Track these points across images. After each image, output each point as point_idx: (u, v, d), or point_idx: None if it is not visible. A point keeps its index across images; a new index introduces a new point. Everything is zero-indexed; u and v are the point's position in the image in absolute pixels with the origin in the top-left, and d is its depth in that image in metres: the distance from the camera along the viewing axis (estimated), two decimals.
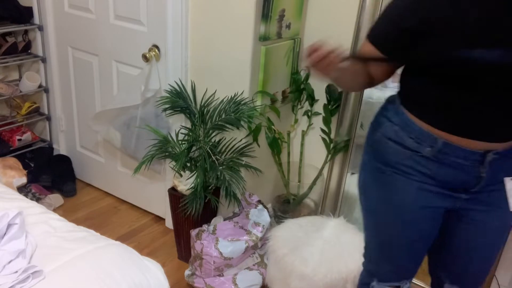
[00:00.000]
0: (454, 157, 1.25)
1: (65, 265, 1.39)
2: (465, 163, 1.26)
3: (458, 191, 1.32)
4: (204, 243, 2.08)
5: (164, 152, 2.24)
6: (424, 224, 1.38)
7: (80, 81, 2.82)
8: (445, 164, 1.27)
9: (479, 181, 1.29)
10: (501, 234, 1.39)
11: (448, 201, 1.34)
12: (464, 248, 1.42)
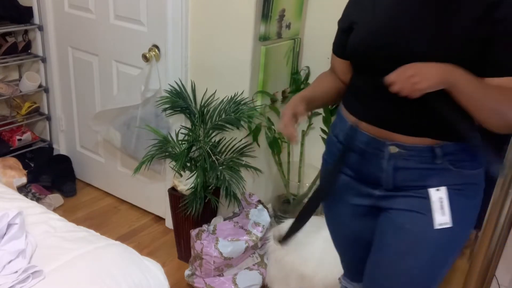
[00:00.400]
0: (358, 141, 1.27)
1: (65, 265, 1.39)
2: (367, 149, 1.26)
3: (372, 185, 1.29)
4: (204, 243, 2.08)
5: (164, 152, 2.24)
6: (349, 221, 1.40)
7: (80, 81, 2.82)
8: (354, 151, 1.29)
9: (386, 177, 1.25)
10: (420, 241, 1.24)
11: (366, 198, 1.32)
12: (377, 246, 1.33)
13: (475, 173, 1.24)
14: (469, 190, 1.24)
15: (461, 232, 1.25)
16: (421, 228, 1.23)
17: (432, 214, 1.21)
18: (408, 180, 1.24)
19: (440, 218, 1.21)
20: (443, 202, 1.21)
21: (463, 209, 1.24)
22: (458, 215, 1.22)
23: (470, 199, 1.25)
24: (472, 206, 1.27)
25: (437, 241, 1.23)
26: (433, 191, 1.21)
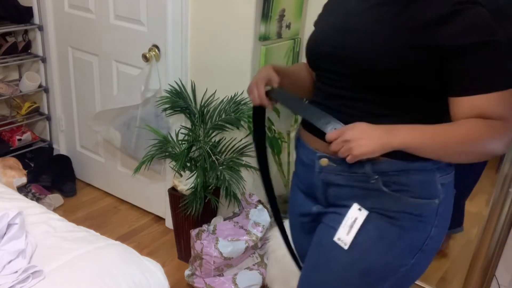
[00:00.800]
0: (300, 152, 1.24)
1: (65, 265, 1.39)
2: (306, 160, 1.21)
3: (313, 200, 1.24)
4: (204, 243, 2.08)
5: (164, 152, 2.24)
6: (299, 238, 1.37)
7: (80, 81, 2.82)
8: (299, 161, 1.26)
9: (319, 192, 1.20)
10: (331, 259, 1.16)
11: (308, 216, 1.27)
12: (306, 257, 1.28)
13: (420, 203, 1.11)
14: (406, 221, 1.11)
15: (377, 262, 1.13)
16: (335, 246, 1.14)
17: (339, 227, 1.13)
18: (341, 198, 1.16)
19: (342, 235, 1.12)
20: (355, 223, 1.11)
21: (389, 239, 1.11)
22: (381, 242, 1.12)
23: (405, 231, 1.11)
24: (406, 239, 1.12)
25: (349, 261, 1.13)
26: (354, 208, 1.12)
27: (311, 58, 1.23)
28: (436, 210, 1.12)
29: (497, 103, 1.01)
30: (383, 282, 1.15)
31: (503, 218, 1.86)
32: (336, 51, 1.12)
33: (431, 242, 1.14)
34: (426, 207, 1.11)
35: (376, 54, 1.05)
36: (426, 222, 1.12)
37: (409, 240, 1.12)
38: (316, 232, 1.24)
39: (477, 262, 1.96)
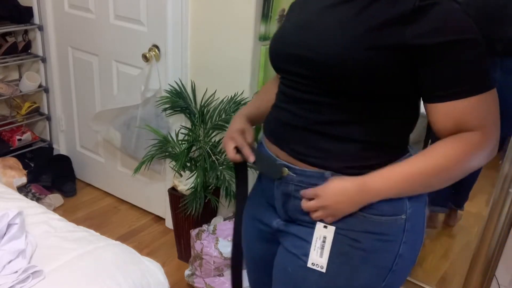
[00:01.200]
0: (262, 159, 1.16)
1: (65, 265, 1.39)
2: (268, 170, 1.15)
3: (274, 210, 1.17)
4: (204, 243, 2.08)
5: (164, 152, 2.24)
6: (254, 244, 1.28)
7: (80, 81, 2.81)
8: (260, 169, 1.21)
9: (278, 204, 1.13)
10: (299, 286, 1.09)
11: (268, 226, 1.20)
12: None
13: (385, 220, 1.02)
14: (370, 242, 1.03)
15: (345, 286, 1.05)
16: (301, 275, 1.08)
17: (310, 251, 1.05)
18: (300, 212, 1.08)
19: (315, 258, 1.04)
20: (325, 243, 1.04)
21: (354, 264, 1.03)
22: (346, 268, 1.04)
23: (369, 253, 1.03)
24: (372, 262, 1.04)
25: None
26: (319, 226, 1.04)
27: (273, 59, 1.14)
28: (403, 226, 1.04)
29: (475, 109, 0.92)
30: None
31: (503, 218, 1.86)
32: (298, 52, 1.03)
33: (402, 261, 1.06)
34: (391, 224, 1.03)
35: (339, 55, 0.95)
36: (392, 241, 1.04)
37: (376, 262, 1.04)
38: (278, 254, 1.17)
39: (477, 262, 1.96)
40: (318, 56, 0.98)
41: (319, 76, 1.00)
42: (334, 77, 0.97)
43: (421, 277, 2.21)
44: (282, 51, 1.08)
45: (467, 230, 2.42)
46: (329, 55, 0.97)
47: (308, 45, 1.01)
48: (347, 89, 0.98)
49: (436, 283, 2.19)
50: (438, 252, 2.36)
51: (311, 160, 1.04)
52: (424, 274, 2.26)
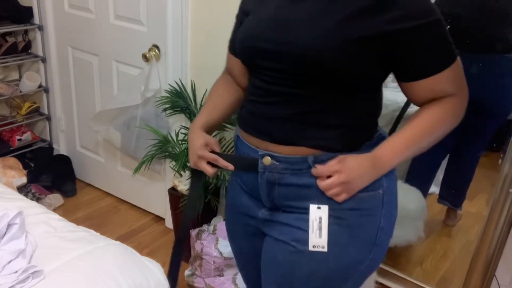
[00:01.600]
0: (241, 151, 1.18)
1: (65, 265, 1.39)
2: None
3: (258, 202, 1.19)
4: (204, 243, 2.08)
5: (164, 152, 2.24)
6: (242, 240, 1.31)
7: (80, 81, 2.82)
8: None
9: (263, 193, 1.15)
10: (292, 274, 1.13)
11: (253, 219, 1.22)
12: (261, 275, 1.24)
13: (365, 196, 1.09)
14: (354, 218, 1.09)
15: (337, 267, 1.10)
16: (293, 260, 1.12)
17: (309, 235, 1.08)
18: (286, 198, 1.12)
19: (315, 240, 1.08)
20: (321, 223, 1.07)
21: (343, 242, 1.09)
22: (335, 246, 1.08)
23: (355, 229, 1.09)
24: (359, 237, 1.10)
25: (310, 273, 1.11)
26: (313, 208, 1.08)
27: (245, 55, 1.15)
28: (381, 200, 1.11)
29: (447, 80, 1.02)
30: (346, 283, 1.14)
31: (503, 218, 1.86)
32: (273, 48, 1.05)
33: (383, 233, 1.13)
34: (371, 199, 1.10)
35: (315, 49, 0.99)
36: (373, 215, 1.11)
37: (362, 237, 1.11)
38: (266, 246, 1.19)
39: (477, 262, 1.96)
40: (294, 50, 1.02)
41: (296, 70, 1.03)
42: (311, 70, 1.01)
43: (421, 277, 2.21)
44: (256, 47, 1.09)
45: (467, 230, 2.41)
46: (305, 49, 1.00)
47: (283, 40, 1.03)
48: (324, 80, 1.02)
49: (436, 283, 2.19)
50: (438, 252, 2.36)
51: (294, 143, 1.08)
52: (424, 274, 2.26)
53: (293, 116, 1.07)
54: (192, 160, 1.19)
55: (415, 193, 2.33)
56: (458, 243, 2.43)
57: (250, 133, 1.15)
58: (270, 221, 1.18)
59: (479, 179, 2.40)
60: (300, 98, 1.06)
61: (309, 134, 1.07)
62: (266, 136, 1.11)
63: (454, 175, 2.39)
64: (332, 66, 1.00)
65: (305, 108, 1.06)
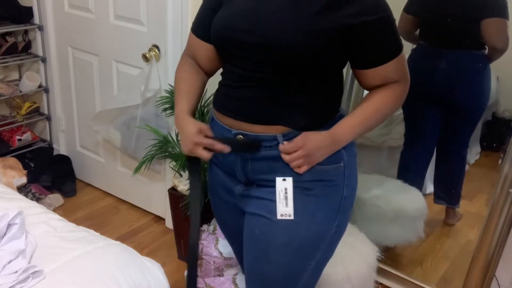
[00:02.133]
0: (217, 134, 1.25)
1: (65, 265, 1.39)
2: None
3: (234, 179, 1.28)
4: (204, 243, 2.08)
5: (164, 152, 2.24)
6: (226, 218, 1.41)
7: (80, 81, 2.82)
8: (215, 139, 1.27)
9: (238, 169, 1.24)
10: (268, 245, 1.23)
11: (231, 196, 1.32)
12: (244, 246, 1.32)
13: (329, 168, 1.21)
14: (320, 188, 1.21)
15: (307, 235, 1.21)
16: (267, 232, 1.22)
17: (277, 205, 1.19)
18: (258, 172, 1.22)
19: (282, 209, 1.19)
20: (287, 193, 1.19)
21: (311, 210, 1.20)
22: (304, 215, 1.20)
23: (321, 198, 1.21)
24: (325, 206, 1.22)
25: (284, 243, 1.20)
26: (279, 180, 1.19)
27: (221, 45, 1.23)
28: (343, 172, 1.23)
29: (395, 68, 1.16)
30: (317, 251, 1.23)
31: (503, 218, 1.86)
32: (249, 39, 1.14)
33: (346, 202, 1.24)
34: (334, 171, 1.22)
35: (288, 41, 1.10)
36: (337, 185, 1.23)
37: (328, 205, 1.22)
38: (245, 223, 1.29)
39: (477, 262, 1.96)
40: (270, 42, 1.11)
41: (270, 59, 1.13)
42: (285, 59, 1.12)
43: (421, 277, 2.21)
44: (233, 38, 1.17)
45: (467, 230, 2.42)
46: (280, 41, 1.10)
47: (259, 32, 1.12)
48: (296, 67, 1.13)
49: (436, 283, 2.19)
50: (438, 252, 2.36)
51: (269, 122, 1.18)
52: (424, 274, 2.26)
53: (267, 99, 1.17)
54: (187, 147, 1.21)
55: (415, 193, 2.33)
56: (458, 243, 2.43)
57: (226, 114, 1.24)
58: (246, 196, 1.27)
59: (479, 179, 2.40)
60: (274, 83, 1.16)
61: (282, 114, 1.18)
62: (243, 117, 1.20)
63: (444, 174, 2.40)
64: (304, 55, 1.11)
65: (279, 91, 1.17)
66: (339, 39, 1.11)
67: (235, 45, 1.17)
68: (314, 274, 1.28)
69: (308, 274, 1.25)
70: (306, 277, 1.25)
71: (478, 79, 2.17)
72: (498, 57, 2.08)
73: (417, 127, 2.39)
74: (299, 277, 1.24)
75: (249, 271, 1.31)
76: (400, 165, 2.45)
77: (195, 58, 1.34)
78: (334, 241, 1.27)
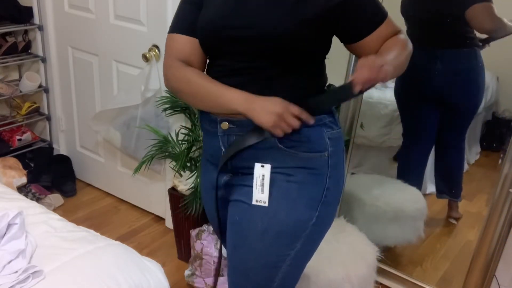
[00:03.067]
0: (203, 122, 1.30)
1: (65, 265, 1.39)
2: (210, 128, 1.28)
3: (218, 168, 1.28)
4: (204, 243, 2.08)
5: (164, 152, 2.24)
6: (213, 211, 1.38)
7: (80, 81, 2.82)
8: (204, 132, 1.33)
9: (224, 156, 1.25)
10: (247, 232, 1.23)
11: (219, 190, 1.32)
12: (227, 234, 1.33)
13: (312, 156, 1.21)
14: (302, 175, 1.21)
15: (287, 221, 1.21)
16: (247, 218, 1.23)
17: (253, 190, 1.20)
18: (244, 160, 1.23)
19: (258, 195, 1.20)
20: (264, 180, 1.20)
21: (291, 196, 1.20)
22: (284, 201, 1.20)
23: (303, 186, 1.21)
24: (306, 193, 1.22)
25: (263, 229, 1.21)
26: (257, 166, 1.20)
27: (211, 42, 1.24)
28: (327, 162, 1.23)
29: (390, 25, 1.22)
30: (297, 240, 1.22)
31: (503, 218, 1.86)
32: (236, 34, 1.17)
33: (330, 193, 1.24)
34: (318, 160, 1.22)
35: (275, 31, 1.14)
36: (320, 174, 1.23)
37: (309, 193, 1.22)
38: (228, 213, 1.30)
39: (477, 262, 1.96)
40: (259, 34, 1.15)
41: (260, 50, 1.17)
42: (274, 48, 1.16)
43: (421, 277, 2.21)
44: (222, 36, 1.20)
45: (467, 230, 2.42)
46: (268, 32, 1.14)
47: (247, 26, 1.16)
48: (284, 54, 1.17)
49: (436, 283, 2.19)
50: (438, 252, 2.36)
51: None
52: (424, 274, 2.26)
53: (254, 82, 1.20)
54: (274, 116, 1.15)
55: (415, 193, 2.33)
56: (458, 243, 2.43)
57: None
58: (231, 185, 1.29)
59: (479, 179, 2.40)
60: (262, 69, 1.19)
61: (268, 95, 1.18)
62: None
63: (444, 167, 2.40)
64: (291, 44, 1.15)
65: (266, 74, 1.20)
66: (326, 22, 1.16)
67: (225, 42, 1.20)
68: (294, 265, 1.26)
69: (287, 265, 1.23)
70: (285, 267, 1.23)
71: (473, 76, 2.18)
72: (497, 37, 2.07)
73: (414, 127, 2.39)
74: (278, 267, 1.23)
75: (230, 260, 1.31)
76: (398, 165, 2.46)
77: (189, 61, 1.28)
78: (316, 234, 1.26)
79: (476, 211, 2.38)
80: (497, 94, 2.30)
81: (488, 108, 2.31)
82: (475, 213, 2.38)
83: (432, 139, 2.37)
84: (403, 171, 2.43)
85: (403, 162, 2.45)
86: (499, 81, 2.28)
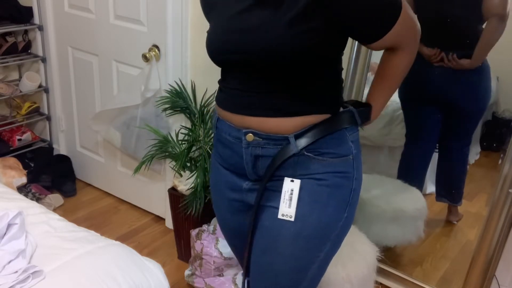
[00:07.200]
0: (224, 133, 1.28)
1: (65, 265, 1.39)
2: (230, 139, 1.26)
3: (241, 176, 1.29)
4: (204, 243, 2.08)
5: (164, 152, 2.24)
6: (229, 217, 1.39)
7: (80, 81, 2.82)
8: (221, 142, 1.30)
9: (248, 166, 1.25)
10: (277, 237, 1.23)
11: (237, 192, 1.32)
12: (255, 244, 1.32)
13: (339, 161, 1.23)
14: (332, 179, 1.23)
15: (318, 224, 1.22)
16: (279, 223, 1.22)
17: (280, 204, 1.21)
18: (281, 175, 1.23)
19: (284, 209, 1.21)
20: (292, 194, 1.20)
21: (322, 200, 1.22)
22: (316, 205, 1.21)
23: (333, 189, 1.23)
24: (336, 196, 1.24)
25: (294, 234, 1.21)
26: (287, 181, 1.21)
27: (218, 63, 1.29)
28: (352, 164, 1.25)
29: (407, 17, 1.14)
30: (326, 242, 1.24)
31: (503, 218, 1.86)
32: (237, 58, 1.18)
33: (355, 194, 1.26)
34: (344, 163, 1.24)
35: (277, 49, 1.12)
36: (347, 177, 1.24)
37: (339, 196, 1.24)
38: (258, 217, 1.28)
39: (477, 262, 1.96)
40: (260, 57, 1.14)
41: (265, 69, 1.16)
42: (279, 66, 1.14)
43: (421, 277, 2.21)
44: (224, 59, 1.24)
45: (467, 230, 2.41)
46: (268, 53, 1.12)
47: (246, 49, 1.15)
48: (291, 67, 1.15)
49: (436, 283, 2.19)
50: (438, 252, 2.36)
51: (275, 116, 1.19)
52: (424, 274, 2.26)
53: (271, 95, 1.19)
54: None
55: (415, 193, 2.33)
56: (458, 243, 2.43)
57: (232, 111, 1.24)
58: (255, 190, 1.27)
59: (479, 179, 2.40)
60: (274, 81, 1.18)
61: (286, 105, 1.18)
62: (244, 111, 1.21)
63: (446, 171, 2.40)
64: (295, 58, 1.12)
65: (280, 86, 1.18)
66: (328, 29, 1.11)
67: (228, 64, 1.23)
68: (321, 267, 1.28)
69: (316, 266, 1.25)
70: (314, 269, 1.25)
71: (476, 78, 2.17)
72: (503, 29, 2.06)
73: (417, 127, 2.39)
74: (308, 269, 1.24)
75: (256, 263, 1.30)
76: (400, 165, 2.45)
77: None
78: (342, 234, 1.27)
79: (476, 211, 2.38)
80: (497, 94, 2.30)
81: (488, 108, 2.31)
82: (475, 213, 2.38)
83: (434, 140, 2.36)
84: (404, 171, 2.43)
85: (405, 162, 2.45)
86: (499, 81, 2.27)
